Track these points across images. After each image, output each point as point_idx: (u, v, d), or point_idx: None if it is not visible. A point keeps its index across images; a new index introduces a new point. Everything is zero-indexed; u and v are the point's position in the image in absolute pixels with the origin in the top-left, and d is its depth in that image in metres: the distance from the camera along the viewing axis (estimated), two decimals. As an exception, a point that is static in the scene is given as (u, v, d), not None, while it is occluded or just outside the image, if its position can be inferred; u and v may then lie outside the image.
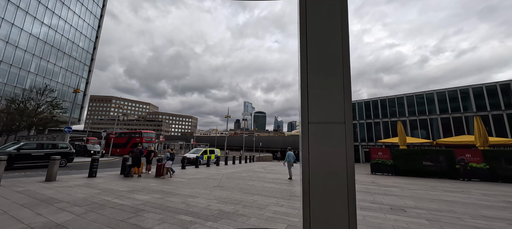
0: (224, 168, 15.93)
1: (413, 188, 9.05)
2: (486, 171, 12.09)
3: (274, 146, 50.80)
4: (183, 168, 13.93)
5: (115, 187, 7.07)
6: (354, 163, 1.65)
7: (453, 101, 23.06)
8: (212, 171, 13.45)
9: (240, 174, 12.31)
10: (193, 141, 36.25)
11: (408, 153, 14.08)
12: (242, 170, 14.82)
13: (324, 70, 1.92)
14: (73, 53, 40.63)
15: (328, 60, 1.94)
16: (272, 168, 17.07)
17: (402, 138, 17.45)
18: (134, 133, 30.20)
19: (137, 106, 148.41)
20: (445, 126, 23.12)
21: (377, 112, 28.10)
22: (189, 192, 6.64)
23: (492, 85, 21.32)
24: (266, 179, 10.33)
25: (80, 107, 43.04)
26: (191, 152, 19.33)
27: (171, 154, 9.90)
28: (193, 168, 14.88)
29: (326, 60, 1.94)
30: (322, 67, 1.93)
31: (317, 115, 1.70)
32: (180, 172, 11.93)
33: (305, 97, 1.89)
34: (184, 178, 9.68)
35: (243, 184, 8.70)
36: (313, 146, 1.68)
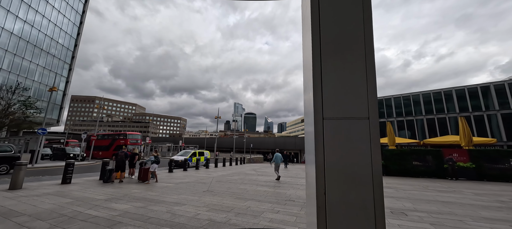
0: (214, 170, 15.30)
1: (406, 188, 8.96)
2: (473, 170, 12.39)
3: (265, 147, 50.48)
4: (170, 172, 13.17)
5: (91, 194, 6.32)
6: (381, 168, 1.25)
7: (438, 102, 23.90)
8: (201, 174, 12.80)
9: (231, 176, 11.78)
10: (182, 143, 35.05)
11: (398, 153, 14.20)
12: (233, 172, 14.28)
13: (342, 53, 1.52)
14: (51, 50, 38.14)
15: (347, 39, 1.54)
16: (263, 170, 16.65)
17: (391, 138, 17.68)
18: (118, 134, 28.65)
19: (123, 107, 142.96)
20: (430, 126, 23.88)
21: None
22: (176, 199, 6.05)
23: (474, 88, 22.33)
24: (258, 182, 9.88)
25: (59, 107, 40.45)
26: (179, 154, 18.49)
27: (156, 156, 9.20)
28: (181, 171, 14.14)
29: (345, 40, 1.55)
30: (340, 49, 1.53)
31: (334, 109, 1.36)
32: (167, 176, 11.20)
33: (318, 87, 1.48)
34: (171, 183, 9.01)
35: (234, 188, 8.20)
36: (330, 148, 1.34)
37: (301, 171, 16.30)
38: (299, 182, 10.36)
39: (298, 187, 8.67)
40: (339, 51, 1.45)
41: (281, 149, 49.76)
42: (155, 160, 9.06)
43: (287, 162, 18.93)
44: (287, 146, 46.71)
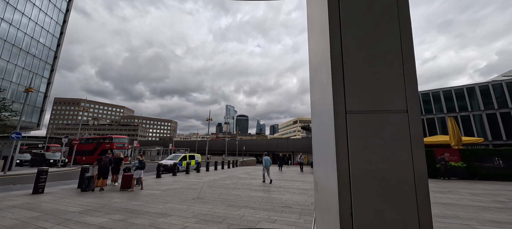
0: (205, 174, 14.66)
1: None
2: (464, 169, 12.51)
3: (258, 149, 49.99)
4: (158, 177, 12.43)
5: (64, 206, 5.61)
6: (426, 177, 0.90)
7: (426, 103, 24.44)
8: (191, 179, 12.16)
9: (223, 181, 11.22)
10: (172, 146, 33.91)
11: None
12: (225, 176, 13.71)
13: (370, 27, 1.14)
14: (32, 50, 36.04)
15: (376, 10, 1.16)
16: (257, 173, 16.17)
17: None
18: (103, 138, 27.24)
19: (110, 110, 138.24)
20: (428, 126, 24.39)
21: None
22: (161, 209, 5.47)
23: (460, 89, 23.01)
24: (252, 187, 9.40)
25: (40, 110, 38.22)
26: (169, 158, 17.68)
27: (141, 161, 8.52)
28: (170, 176, 13.41)
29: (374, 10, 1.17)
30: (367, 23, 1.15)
31: (361, 100, 1.02)
32: (154, 182, 10.49)
33: (338, 72, 1.08)
34: (158, 190, 8.36)
35: (227, 194, 7.68)
36: (356, 149, 0.99)
37: (295, 174, 15.95)
38: (294, 185, 9.98)
39: (293, 191, 8.27)
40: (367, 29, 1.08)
41: (274, 151, 49.46)
42: (140, 165, 8.38)
43: (282, 164, 18.59)
44: (280, 148, 46.48)
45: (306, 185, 10.16)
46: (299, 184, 10.35)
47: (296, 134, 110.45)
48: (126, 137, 28.58)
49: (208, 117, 26.21)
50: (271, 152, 48.81)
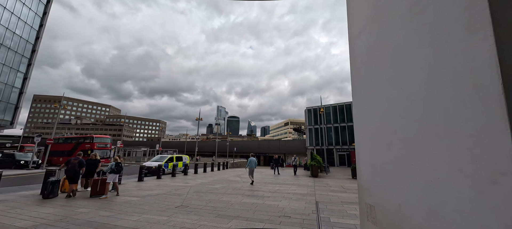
0: (193, 177, 13.65)
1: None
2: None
3: (249, 150, 49.10)
4: (140, 180, 11.30)
5: (12, 219, 4.54)
6: None
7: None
8: (177, 182, 11.14)
9: (212, 185, 10.31)
10: (159, 147, 32.34)
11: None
12: (215, 180, 12.79)
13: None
14: (6, 42, 33.31)
15: None
16: (248, 176, 15.36)
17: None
18: (84, 137, 25.36)
19: (95, 108, 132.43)
20: None
21: (350, 116, 28.74)
22: (135, 222, 4.53)
23: None
24: (244, 191, 8.58)
25: (14, 107, 35.38)
26: (153, 160, 16.47)
27: (117, 163, 7.46)
28: (154, 179, 12.30)
29: None
30: None
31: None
32: (135, 186, 9.41)
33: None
34: (137, 196, 7.35)
35: (216, 200, 6.81)
36: None
37: (289, 177, 15.25)
38: (290, 190, 9.26)
39: (290, 197, 7.54)
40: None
41: (265, 153, 48.80)
42: (115, 168, 7.32)
43: (278, 166, 17.95)
44: (272, 150, 45.87)
45: (303, 189, 9.47)
46: (295, 188, 9.64)
47: (287, 135, 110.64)
48: (108, 136, 26.81)
49: (198, 117, 25.08)
50: (262, 154, 48.11)
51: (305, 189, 9.53)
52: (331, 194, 8.23)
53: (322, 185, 10.76)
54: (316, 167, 15.02)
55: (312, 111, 32.43)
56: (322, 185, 10.95)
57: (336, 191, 8.88)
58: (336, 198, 7.47)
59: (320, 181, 12.46)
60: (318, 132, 30.99)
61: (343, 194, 8.27)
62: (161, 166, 13.02)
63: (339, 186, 10.43)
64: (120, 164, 8.22)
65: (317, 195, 8.00)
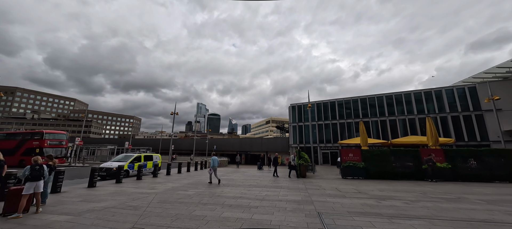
0: (164, 180, 11.48)
1: (408, 197, 7.26)
2: (449, 170, 11.97)
3: (230, 149, 47.05)
4: (91, 186, 8.90)
5: None
6: None
7: (399, 105, 25.08)
8: (141, 188, 8.97)
9: (185, 191, 8.37)
10: (129, 145, 28.85)
11: (378, 154, 13.09)
12: (189, 183, 10.80)
13: None
14: None
15: None
16: (231, 177, 13.58)
17: (364, 138, 16.88)
18: (31, 133, 21.21)
19: (57, 102, 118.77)
20: (392, 127, 24.86)
21: (334, 114, 28.40)
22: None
23: (428, 91, 24.17)
24: (225, 200, 6.84)
25: None
26: (115, 159, 13.83)
27: (35, 168, 5.15)
28: (112, 184, 9.93)
29: None
30: None
31: None
32: (80, 195, 7.10)
33: None
34: (71, 212, 5.19)
35: (185, 215, 4.99)
36: None
37: (282, 179, 13.76)
38: (280, 194, 7.73)
39: (284, 207, 5.99)
40: None
41: (246, 151, 47.16)
42: (37, 172, 5.06)
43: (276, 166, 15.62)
44: (254, 147, 44.42)
45: (295, 194, 8.01)
46: (286, 193, 8.14)
47: (268, 133, 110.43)
48: (64, 132, 22.88)
49: (174, 111, 22.44)
50: (244, 152, 46.41)
51: (297, 193, 8.08)
52: (330, 200, 6.87)
53: (315, 188, 9.44)
54: (304, 167, 13.78)
55: (297, 108, 31.56)
56: (315, 187, 9.63)
57: (335, 196, 7.56)
58: (339, 206, 6.10)
59: (310, 183, 11.18)
60: (303, 130, 30.22)
61: (344, 200, 6.97)
62: (122, 167, 10.63)
63: (333, 189, 9.19)
64: (52, 165, 5.96)
65: (315, 202, 6.57)
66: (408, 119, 24.45)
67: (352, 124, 27.18)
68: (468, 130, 21.83)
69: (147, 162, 14.89)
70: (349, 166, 13.05)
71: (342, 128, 27.71)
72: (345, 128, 27.44)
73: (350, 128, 27.03)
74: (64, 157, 22.01)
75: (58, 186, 7.79)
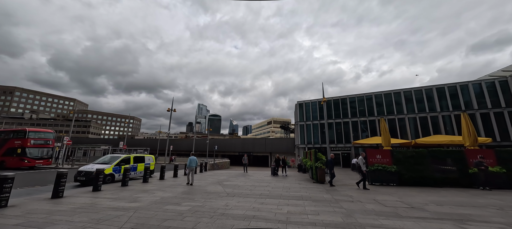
0: (155, 186, 9.35)
1: (491, 217, 5.07)
2: (503, 176, 9.74)
3: (232, 149, 44.89)
4: (56, 197, 6.80)
5: None
6: None
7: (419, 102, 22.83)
8: (120, 200, 6.85)
9: (177, 205, 6.24)
10: (123, 145, 26.84)
11: (413, 155, 10.86)
12: (185, 191, 8.66)
13: None
14: None
15: None
16: (235, 182, 11.43)
17: (386, 137, 14.69)
18: (13, 131, 19.20)
19: (56, 102, 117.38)
20: (413, 126, 22.62)
21: (346, 112, 26.15)
22: None
23: (452, 85, 21.92)
24: (233, 224, 4.69)
25: None
26: (99, 161, 11.72)
27: None
28: (88, 192, 7.81)
29: None
30: None
31: None
32: (33, 210, 4.98)
33: None
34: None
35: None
36: None
37: (291, 184, 11.56)
38: (308, 212, 5.57)
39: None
40: None
41: (249, 152, 44.94)
42: None
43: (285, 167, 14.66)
44: (257, 148, 42.26)
45: (328, 211, 5.85)
46: (314, 209, 5.98)
47: (270, 134, 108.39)
48: (50, 131, 20.84)
49: (171, 107, 20.33)
50: (247, 153, 44.25)
51: (330, 209, 5.91)
52: (388, 224, 4.69)
53: (346, 199, 7.27)
54: (322, 170, 11.61)
55: (304, 106, 29.34)
56: (345, 198, 7.46)
57: (387, 215, 5.39)
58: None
59: (335, 191, 9.00)
60: (311, 129, 27.99)
61: (407, 222, 4.79)
62: (101, 172, 8.50)
63: (371, 200, 7.02)
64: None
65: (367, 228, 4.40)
66: (430, 117, 22.17)
67: (366, 122, 24.92)
68: (501, 128, 19.51)
69: (138, 164, 12.79)
70: (378, 170, 10.85)
71: (355, 126, 25.46)
72: (358, 126, 25.20)
73: (364, 126, 24.75)
74: (50, 158, 19.96)
75: (2, 198, 5.70)
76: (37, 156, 18.85)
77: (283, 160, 14.85)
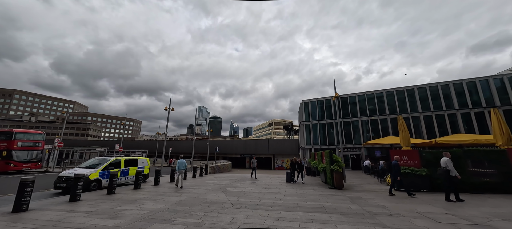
0: (146, 195, 7.91)
1: None
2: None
3: (234, 151, 43.37)
4: (18, 211, 5.40)
5: None
6: None
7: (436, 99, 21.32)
8: (98, 214, 5.42)
9: (171, 217, 4.80)
10: (119, 147, 25.46)
11: (447, 156, 9.36)
12: (180, 201, 7.22)
13: None
14: None
15: None
16: (241, 188, 9.98)
17: (406, 136, 13.16)
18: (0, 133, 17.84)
19: (55, 105, 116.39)
20: (428, 125, 21.12)
21: (355, 111, 24.68)
22: None
23: (471, 81, 20.48)
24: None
25: None
26: (84, 165, 10.30)
27: None
28: (63, 203, 6.39)
29: None
30: None
31: None
32: None
33: None
34: None
35: None
36: None
37: (310, 191, 10.08)
38: (342, 233, 4.11)
39: None
40: None
41: (251, 154, 43.43)
42: None
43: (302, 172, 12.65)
44: (259, 150, 40.74)
45: (368, 230, 4.39)
46: (345, 226, 4.52)
47: (272, 136, 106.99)
48: (40, 132, 19.47)
49: (169, 106, 18.97)
50: (248, 155, 42.70)
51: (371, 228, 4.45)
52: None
53: (383, 211, 5.80)
54: (339, 175, 10.13)
55: (309, 105, 27.88)
56: (382, 211, 5.99)
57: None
58: None
59: (362, 200, 7.54)
60: (317, 129, 26.48)
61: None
62: (80, 178, 7.07)
63: (413, 213, 5.56)
64: None
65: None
66: (447, 115, 20.65)
67: (377, 121, 23.41)
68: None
69: (130, 168, 11.36)
70: (405, 174, 9.36)
71: (364, 126, 23.94)
72: (369, 126, 23.68)
73: (376, 126, 23.25)
74: (39, 161, 18.57)
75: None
76: (25, 159, 17.48)
77: (300, 164, 13.27)
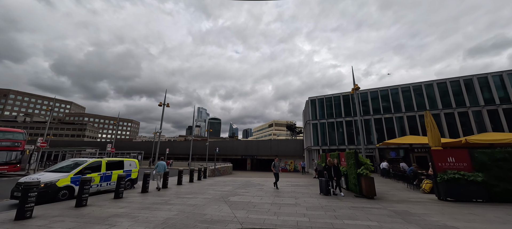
0: (129, 207, 6.02)
1: None
2: None
3: (234, 152, 41.37)
4: None
5: None
6: None
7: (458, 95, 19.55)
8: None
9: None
10: (111, 148, 23.54)
11: (506, 157, 7.50)
12: (170, 218, 5.31)
13: None
14: None
15: None
16: (246, 197, 8.08)
17: (435, 134, 11.30)
18: (-28, 132, 15.88)
19: (51, 105, 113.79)
20: (450, 123, 19.30)
21: (367, 108, 22.83)
22: None
23: (497, 74, 18.72)
24: None
25: None
26: (53, 169, 8.34)
27: None
28: (7, 222, 4.46)
29: None
30: None
31: None
32: None
33: None
34: None
35: None
36: None
37: (334, 200, 8.12)
38: None
39: None
40: None
41: (252, 155, 41.53)
42: None
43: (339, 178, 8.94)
44: (261, 151, 38.81)
45: None
46: None
47: (272, 137, 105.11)
48: (20, 131, 17.52)
49: (164, 101, 17.09)
50: (250, 156, 40.74)
51: None
52: None
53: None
54: (369, 180, 8.24)
55: (317, 102, 26.01)
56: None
57: None
58: None
59: (417, 218, 5.67)
60: (325, 128, 24.58)
61: None
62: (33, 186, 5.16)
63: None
64: None
65: None
66: (471, 112, 18.83)
67: (392, 120, 21.53)
68: None
69: (113, 172, 9.43)
70: (454, 180, 7.49)
71: (379, 124, 22.07)
72: (383, 124, 21.80)
73: (390, 125, 21.38)
74: (18, 163, 16.60)
75: None
76: (1, 160, 15.54)
77: (336, 168, 9.08)
